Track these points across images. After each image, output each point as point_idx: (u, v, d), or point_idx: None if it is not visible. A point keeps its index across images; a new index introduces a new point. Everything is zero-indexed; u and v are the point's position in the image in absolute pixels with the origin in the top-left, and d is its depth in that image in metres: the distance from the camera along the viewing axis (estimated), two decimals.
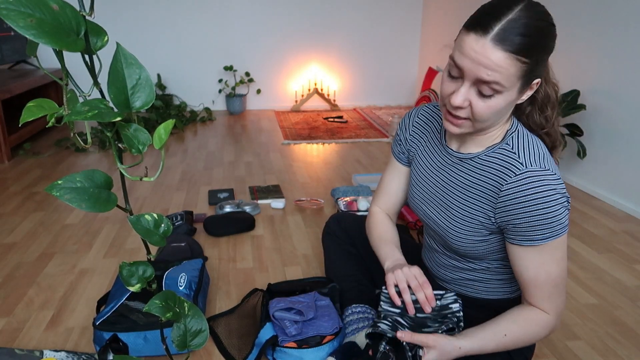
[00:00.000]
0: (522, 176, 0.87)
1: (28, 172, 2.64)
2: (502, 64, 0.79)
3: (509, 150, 0.92)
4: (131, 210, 0.67)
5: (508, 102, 0.85)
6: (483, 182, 0.95)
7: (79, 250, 1.81)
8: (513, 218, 0.89)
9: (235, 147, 3.19)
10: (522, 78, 0.82)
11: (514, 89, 0.83)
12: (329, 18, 4.25)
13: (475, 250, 1.00)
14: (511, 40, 0.78)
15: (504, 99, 0.84)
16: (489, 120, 0.87)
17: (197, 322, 0.75)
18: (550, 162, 0.89)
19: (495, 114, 0.86)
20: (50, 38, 0.49)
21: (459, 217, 0.99)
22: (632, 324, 1.42)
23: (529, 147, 0.91)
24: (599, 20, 2.33)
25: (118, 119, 0.56)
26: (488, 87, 0.82)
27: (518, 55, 0.79)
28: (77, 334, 1.34)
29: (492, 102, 0.84)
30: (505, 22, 0.78)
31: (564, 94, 2.40)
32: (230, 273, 1.66)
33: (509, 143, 0.92)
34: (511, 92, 0.83)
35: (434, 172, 1.06)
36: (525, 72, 0.81)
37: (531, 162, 0.88)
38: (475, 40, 0.80)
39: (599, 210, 2.23)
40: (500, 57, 0.78)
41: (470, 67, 0.81)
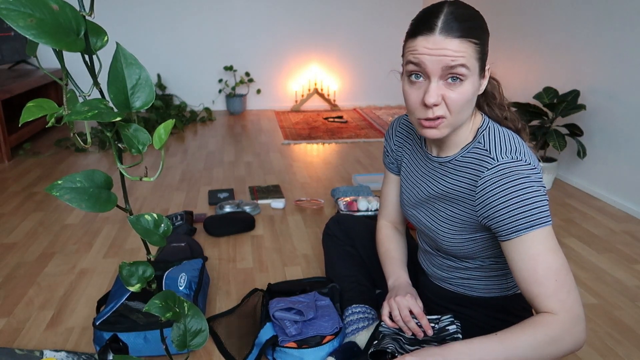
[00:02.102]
0: (494, 170, 0.89)
1: (28, 172, 2.64)
2: (459, 48, 0.84)
3: (480, 148, 0.94)
4: (131, 210, 0.67)
5: (474, 89, 0.89)
6: (461, 183, 0.97)
7: (79, 250, 1.81)
8: (493, 212, 0.89)
9: (235, 147, 3.19)
10: (479, 60, 0.87)
11: (475, 73, 0.87)
12: (329, 18, 4.25)
13: (465, 249, 1.01)
14: (456, 27, 0.84)
15: (471, 84, 0.87)
16: (463, 111, 0.90)
17: (197, 322, 0.75)
18: (523, 153, 0.91)
19: (467, 103, 0.89)
20: (50, 38, 0.49)
21: (445, 219, 1.01)
22: (632, 324, 1.42)
23: (500, 141, 0.93)
24: (599, 20, 2.33)
25: (118, 119, 0.56)
26: (455, 74, 0.85)
27: (468, 38, 0.84)
28: (77, 334, 1.34)
29: (462, 88, 0.87)
30: (443, 17, 0.84)
31: (564, 94, 2.40)
32: (230, 273, 1.66)
33: (480, 141, 0.95)
34: (474, 77, 0.87)
35: (420, 178, 1.09)
36: (479, 54, 0.87)
37: (502, 155, 0.90)
38: (425, 40, 0.85)
39: (599, 210, 2.23)
40: (455, 44, 0.84)
41: (433, 61, 0.85)
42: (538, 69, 2.80)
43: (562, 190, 2.47)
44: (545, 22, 2.73)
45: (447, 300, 1.14)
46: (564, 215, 2.18)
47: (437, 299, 1.17)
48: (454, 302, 1.13)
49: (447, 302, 1.14)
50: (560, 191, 2.46)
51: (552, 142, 2.27)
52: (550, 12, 2.68)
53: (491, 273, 1.05)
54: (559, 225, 2.06)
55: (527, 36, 2.89)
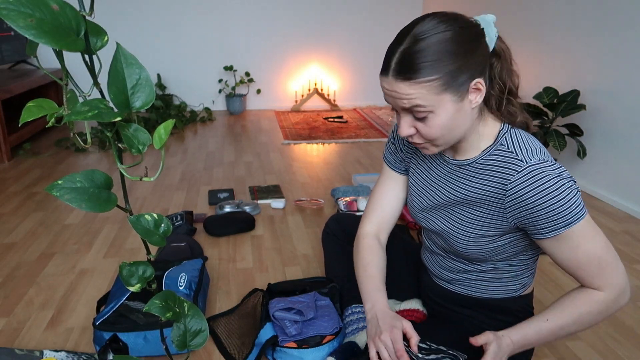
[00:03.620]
0: (524, 172, 0.88)
1: (28, 172, 2.64)
2: (410, 91, 0.83)
3: (504, 150, 0.93)
4: (131, 210, 0.67)
5: (449, 116, 0.86)
6: (487, 186, 0.95)
7: (79, 250, 1.81)
8: (528, 215, 0.89)
9: (235, 147, 3.19)
10: (445, 91, 0.83)
11: (444, 103, 0.85)
12: (329, 18, 4.25)
13: (482, 253, 1.00)
14: (405, 70, 0.83)
15: (442, 115, 0.86)
16: (443, 137, 0.89)
17: (197, 322, 0.75)
18: (546, 154, 0.92)
19: (446, 129, 0.88)
20: (50, 38, 0.49)
21: (466, 223, 0.99)
22: (632, 324, 1.42)
23: (524, 144, 0.93)
24: (599, 20, 2.33)
25: (118, 119, 0.56)
26: (416, 112, 0.86)
27: (419, 79, 0.82)
28: (77, 334, 1.34)
29: (432, 121, 0.87)
30: (399, 55, 0.83)
31: (564, 94, 2.40)
32: (230, 273, 1.66)
33: (503, 144, 0.94)
34: (445, 106, 0.85)
35: (434, 181, 1.06)
36: (441, 87, 0.83)
37: (530, 157, 0.90)
38: (384, 81, 0.87)
39: (599, 210, 2.23)
40: (404, 88, 0.84)
41: (392, 102, 0.88)
42: (538, 69, 2.80)
43: None
44: (545, 22, 2.73)
45: (448, 301, 1.14)
46: None
47: (438, 299, 1.17)
48: (456, 303, 1.12)
49: (449, 303, 1.14)
50: None
51: (552, 142, 2.27)
52: (550, 12, 2.68)
53: (503, 275, 1.05)
54: None
55: (527, 36, 2.89)
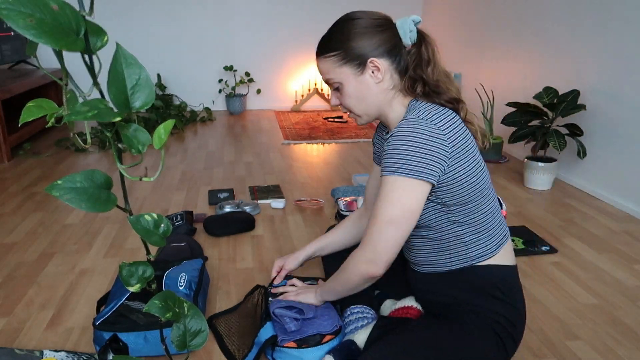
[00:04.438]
0: (400, 123, 1.01)
1: (28, 172, 2.64)
2: (321, 66, 1.11)
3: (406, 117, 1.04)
4: (131, 210, 0.67)
5: (354, 86, 1.08)
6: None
7: (79, 250, 1.81)
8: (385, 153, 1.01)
9: (235, 147, 3.19)
10: (344, 65, 1.07)
11: (348, 76, 1.07)
12: (329, 18, 4.24)
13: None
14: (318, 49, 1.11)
15: (349, 86, 1.08)
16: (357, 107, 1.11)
17: (196, 322, 0.75)
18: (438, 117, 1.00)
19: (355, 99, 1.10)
20: (50, 38, 0.49)
21: None
22: (632, 324, 1.42)
23: (424, 108, 1.02)
24: (599, 20, 2.33)
25: (118, 119, 0.56)
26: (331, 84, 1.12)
27: (324, 54, 1.09)
28: (77, 334, 1.34)
29: (343, 91, 1.10)
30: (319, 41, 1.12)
31: (564, 94, 2.40)
32: (230, 273, 1.66)
33: (408, 111, 1.06)
34: (349, 79, 1.08)
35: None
36: (341, 60, 1.07)
37: (415, 114, 1.01)
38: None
39: (599, 210, 2.23)
40: (319, 64, 1.12)
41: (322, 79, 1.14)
42: (538, 69, 2.79)
43: (562, 190, 2.47)
44: (545, 22, 2.72)
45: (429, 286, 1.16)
46: (564, 215, 2.18)
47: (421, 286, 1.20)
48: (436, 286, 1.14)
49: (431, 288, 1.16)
50: (560, 191, 2.46)
51: (552, 142, 2.27)
52: (550, 12, 2.68)
53: (451, 242, 1.08)
54: (559, 226, 2.06)
55: (527, 36, 2.89)
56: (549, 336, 1.35)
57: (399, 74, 1.09)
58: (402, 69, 1.08)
